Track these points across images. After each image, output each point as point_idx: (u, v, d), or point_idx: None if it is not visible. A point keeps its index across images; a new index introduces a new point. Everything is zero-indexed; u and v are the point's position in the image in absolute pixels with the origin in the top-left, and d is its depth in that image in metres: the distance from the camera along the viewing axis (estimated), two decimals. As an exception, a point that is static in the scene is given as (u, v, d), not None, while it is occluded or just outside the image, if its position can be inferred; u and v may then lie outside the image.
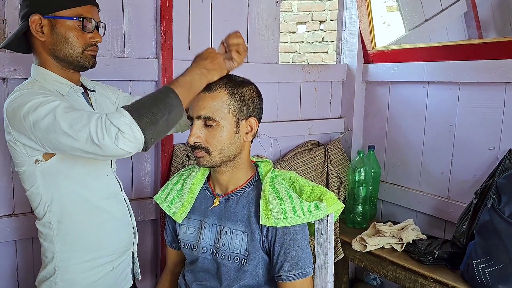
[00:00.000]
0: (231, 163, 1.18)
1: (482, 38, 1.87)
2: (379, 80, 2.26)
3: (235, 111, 1.13)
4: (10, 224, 1.58)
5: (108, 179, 1.30)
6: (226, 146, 1.13)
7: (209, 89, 1.13)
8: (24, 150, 1.13)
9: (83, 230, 1.24)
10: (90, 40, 1.20)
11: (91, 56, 1.22)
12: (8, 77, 1.52)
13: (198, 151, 1.14)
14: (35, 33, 1.15)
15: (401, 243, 1.83)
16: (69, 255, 1.24)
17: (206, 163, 1.15)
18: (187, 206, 1.25)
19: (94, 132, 0.99)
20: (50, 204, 1.20)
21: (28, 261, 1.65)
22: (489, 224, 1.50)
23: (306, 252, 1.14)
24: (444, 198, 1.99)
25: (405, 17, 2.23)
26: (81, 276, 1.25)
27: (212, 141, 1.12)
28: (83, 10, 1.17)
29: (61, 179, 1.19)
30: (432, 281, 1.63)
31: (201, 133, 1.13)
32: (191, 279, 1.25)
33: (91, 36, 1.20)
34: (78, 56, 1.19)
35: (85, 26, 1.18)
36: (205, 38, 1.93)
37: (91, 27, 1.19)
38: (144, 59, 1.78)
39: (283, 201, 1.12)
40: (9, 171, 1.57)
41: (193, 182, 1.26)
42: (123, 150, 0.99)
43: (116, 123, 0.98)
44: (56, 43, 1.17)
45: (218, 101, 1.12)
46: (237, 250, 1.16)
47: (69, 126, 1.02)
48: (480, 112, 1.83)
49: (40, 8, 1.14)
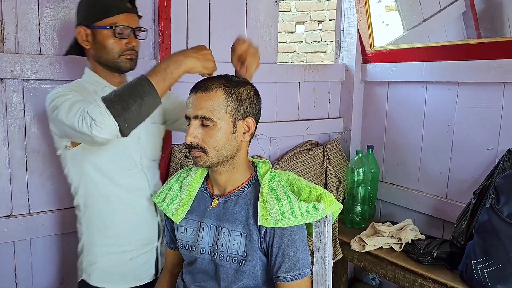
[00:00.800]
0: (229, 163, 1.17)
1: (481, 38, 1.87)
2: (377, 80, 2.26)
3: (232, 111, 1.12)
4: (8, 225, 1.58)
5: (131, 172, 1.39)
6: (223, 146, 1.13)
7: (206, 89, 1.12)
8: (55, 136, 1.33)
9: (103, 216, 1.37)
10: (126, 45, 1.33)
11: (127, 59, 1.35)
12: (6, 78, 1.52)
13: (195, 151, 1.14)
14: (81, 43, 1.34)
15: (400, 243, 1.83)
16: (92, 237, 1.38)
17: (203, 163, 1.15)
18: (185, 207, 1.25)
19: (76, 121, 1.12)
20: (78, 188, 1.37)
21: (27, 262, 1.65)
22: (487, 224, 1.50)
23: (304, 253, 1.14)
24: (443, 198, 1.99)
25: (404, 17, 2.22)
26: (100, 259, 1.38)
27: (209, 140, 1.12)
28: (117, 19, 1.30)
29: (86, 165, 1.33)
30: (431, 281, 1.63)
31: (198, 133, 1.12)
32: (190, 280, 1.25)
33: (127, 41, 1.33)
34: (115, 60, 1.33)
35: (120, 33, 1.31)
36: (203, 38, 1.93)
37: (126, 34, 1.32)
38: (142, 59, 1.76)
39: (281, 202, 1.12)
40: (7, 172, 1.57)
41: (191, 183, 1.26)
42: (99, 137, 1.11)
43: (91, 113, 1.10)
44: (97, 50, 1.33)
45: (215, 101, 1.11)
46: (236, 251, 1.15)
47: (66, 116, 1.16)
48: (479, 112, 1.83)
49: (83, 20, 1.33)
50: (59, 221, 1.67)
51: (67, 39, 1.62)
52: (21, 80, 1.55)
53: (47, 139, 1.62)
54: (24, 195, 1.62)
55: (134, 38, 1.35)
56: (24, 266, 1.65)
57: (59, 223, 1.68)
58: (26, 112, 1.58)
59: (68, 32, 1.61)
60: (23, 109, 1.58)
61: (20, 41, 1.54)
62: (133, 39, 1.35)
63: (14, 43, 1.54)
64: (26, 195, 1.62)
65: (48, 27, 1.59)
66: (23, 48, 1.55)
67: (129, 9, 1.33)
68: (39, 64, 1.56)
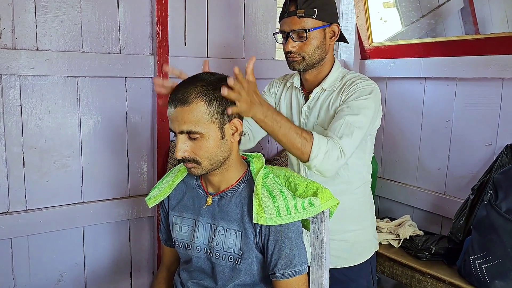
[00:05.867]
0: (222, 166, 1.16)
1: (479, 34, 1.86)
2: (376, 76, 2.25)
3: (217, 118, 1.08)
4: (5, 222, 1.57)
5: None
6: (215, 154, 1.11)
7: (185, 102, 1.06)
8: None
9: None
10: (286, 49, 1.38)
11: (290, 61, 1.39)
12: (2, 73, 1.51)
13: (188, 163, 1.12)
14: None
15: (398, 239, 1.84)
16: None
17: (198, 173, 1.13)
18: (163, 195, 1.26)
19: None
20: None
21: (24, 259, 1.64)
22: (486, 220, 1.50)
23: (301, 250, 1.13)
24: (441, 194, 1.99)
25: (402, 13, 2.22)
26: None
27: (199, 152, 1.09)
28: (281, 25, 1.38)
29: None
30: (429, 277, 1.63)
31: (186, 147, 1.09)
32: (186, 277, 1.25)
33: (286, 45, 1.38)
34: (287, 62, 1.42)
35: (279, 38, 1.42)
36: (201, 34, 1.92)
37: (280, 39, 1.41)
38: (139, 55, 1.77)
39: (276, 199, 1.11)
40: (4, 169, 1.56)
41: (177, 174, 1.27)
42: None
43: None
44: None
45: (196, 112, 1.06)
46: (231, 250, 1.15)
47: None
48: (477, 108, 1.83)
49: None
50: (57, 218, 1.67)
51: (64, 35, 1.63)
52: (17, 76, 1.55)
53: (43, 135, 1.62)
54: (21, 191, 1.61)
55: (288, 42, 1.38)
56: (21, 263, 1.64)
57: (57, 219, 1.67)
58: (23, 108, 1.58)
59: (64, 28, 1.61)
60: (19, 105, 1.57)
61: (17, 36, 1.54)
62: (287, 44, 1.38)
63: (11, 39, 1.53)
64: (23, 192, 1.61)
65: (45, 22, 1.58)
66: (20, 44, 1.54)
67: (286, 14, 1.37)
68: (36, 59, 1.55)
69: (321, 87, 1.41)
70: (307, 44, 1.35)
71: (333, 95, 1.39)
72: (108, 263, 1.84)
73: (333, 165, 1.22)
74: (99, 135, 1.74)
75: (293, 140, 1.18)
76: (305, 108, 1.44)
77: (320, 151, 1.19)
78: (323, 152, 1.19)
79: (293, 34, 1.35)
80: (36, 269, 1.67)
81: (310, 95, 1.44)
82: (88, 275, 1.79)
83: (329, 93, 1.40)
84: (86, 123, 1.70)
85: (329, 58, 1.42)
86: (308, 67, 1.38)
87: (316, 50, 1.36)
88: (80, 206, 1.72)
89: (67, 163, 1.68)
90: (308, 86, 1.46)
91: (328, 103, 1.39)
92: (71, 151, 1.69)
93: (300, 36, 1.35)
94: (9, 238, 1.60)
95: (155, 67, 1.76)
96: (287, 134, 1.17)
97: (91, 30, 1.67)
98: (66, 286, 1.75)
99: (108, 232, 1.81)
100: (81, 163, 1.71)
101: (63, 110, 1.65)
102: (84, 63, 1.64)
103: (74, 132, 1.68)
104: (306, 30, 1.33)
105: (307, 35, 1.33)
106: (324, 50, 1.38)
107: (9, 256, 1.62)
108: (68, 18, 1.62)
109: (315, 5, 1.33)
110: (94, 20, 1.67)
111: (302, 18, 1.32)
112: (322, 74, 1.43)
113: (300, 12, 1.32)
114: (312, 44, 1.35)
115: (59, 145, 1.66)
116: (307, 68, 1.39)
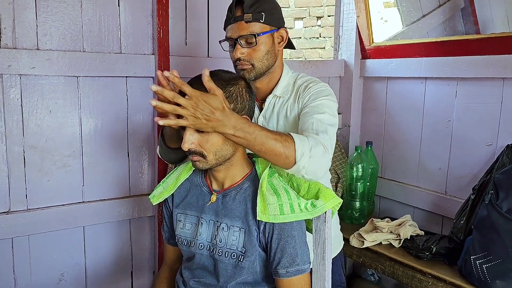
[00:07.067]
0: (227, 162, 1.17)
1: (480, 34, 1.86)
2: (376, 76, 2.26)
3: None
4: (6, 221, 1.57)
5: None
6: (220, 148, 1.12)
7: None
8: None
9: None
10: (234, 57, 1.31)
11: (239, 70, 1.31)
12: (3, 73, 1.51)
13: (193, 156, 1.13)
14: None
15: (399, 239, 1.84)
16: None
17: (202, 166, 1.14)
18: (167, 193, 1.26)
19: None
20: None
21: (25, 259, 1.64)
22: (486, 220, 1.50)
23: (304, 249, 1.14)
24: (442, 193, 1.99)
25: (403, 13, 2.22)
26: None
27: (205, 145, 1.11)
28: (227, 31, 1.33)
29: None
30: (430, 276, 1.63)
31: (194, 139, 1.11)
32: (188, 276, 1.25)
33: (234, 53, 1.30)
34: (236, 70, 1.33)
35: (225, 46, 1.34)
36: (202, 34, 1.92)
37: (227, 47, 1.34)
38: (140, 55, 1.77)
39: (280, 197, 1.12)
40: (5, 168, 1.56)
41: (181, 172, 1.27)
42: None
43: None
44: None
45: None
46: (234, 247, 1.15)
47: None
48: (478, 108, 1.83)
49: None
50: (57, 217, 1.67)
51: (64, 34, 1.62)
52: (18, 76, 1.54)
53: (44, 135, 1.62)
54: (22, 191, 1.61)
55: (236, 49, 1.31)
56: (22, 262, 1.64)
57: (58, 219, 1.67)
58: (24, 108, 1.58)
59: (65, 27, 1.61)
60: (20, 105, 1.57)
61: (17, 36, 1.53)
62: (235, 51, 1.31)
63: (11, 38, 1.52)
64: (24, 191, 1.61)
65: (46, 22, 1.58)
66: (20, 43, 1.54)
67: (232, 19, 1.31)
68: (37, 59, 1.55)
69: (273, 94, 1.37)
70: (256, 50, 1.29)
71: (289, 102, 1.35)
72: (109, 262, 1.84)
73: (321, 162, 1.16)
74: (100, 135, 1.74)
75: (272, 147, 1.09)
76: (261, 118, 1.39)
77: (304, 149, 1.12)
78: (307, 150, 1.12)
79: (241, 40, 1.29)
80: (37, 269, 1.67)
81: (264, 104, 1.39)
82: (89, 274, 1.79)
83: (284, 100, 1.37)
84: (87, 123, 1.70)
85: (278, 64, 1.37)
86: (259, 75, 1.33)
87: (266, 56, 1.31)
88: (81, 206, 1.72)
89: (68, 162, 1.68)
90: (260, 95, 1.41)
91: (285, 110, 1.35)
92: (72, 151, 1.69)
93: (248, 42, 1.29)
94: (10, 238, 1.60)
95: (156, 67, 1.76)
96: (265, 143, 1.09)
97: (92, 29, 1.66)
98: (67, 285, 1.75)
99: (109, 232, 1.81)
100: (82, 163, 1.71)
101: (63, 110, 1.65)
102: (85, 62, 1.64)
103: (75, 131, 1.68)
104: (255, 35, 1.28)
105: (256, 40, 1.28)
106: (274, 56, 1.34)
107: (10, 256, 1.62)
108: (69, 17, 1.62)
109: (262, 9, 1.28)
110: (94, 19, 1.67)
111: (249, 22, 1.27)
112: (273, 81, 1.38)
113: (247, 17, 1.27)
114: (261, 50, 1.29)
115: (60, 145, 1.66)
116: (257, 76, 1.33)
